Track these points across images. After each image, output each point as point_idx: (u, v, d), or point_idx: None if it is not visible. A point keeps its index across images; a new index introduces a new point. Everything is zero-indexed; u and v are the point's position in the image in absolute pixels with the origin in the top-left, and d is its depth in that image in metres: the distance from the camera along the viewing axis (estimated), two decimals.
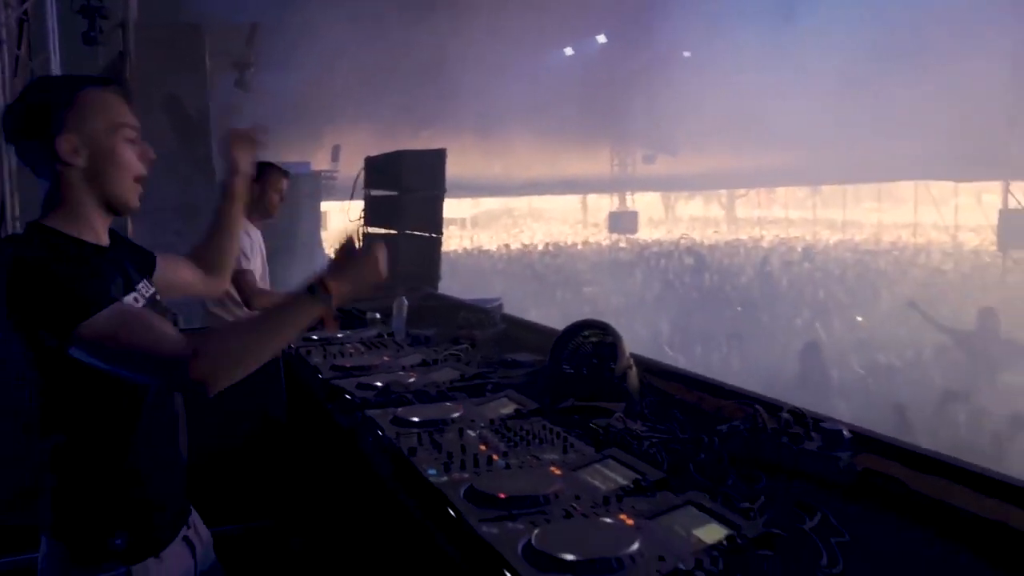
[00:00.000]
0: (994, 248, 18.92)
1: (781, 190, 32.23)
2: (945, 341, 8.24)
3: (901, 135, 14.97)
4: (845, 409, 5.96)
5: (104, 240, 1.85)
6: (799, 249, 20.81)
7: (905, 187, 27.36)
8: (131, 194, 1.83)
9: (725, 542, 1.50)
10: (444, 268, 7.02)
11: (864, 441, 2.16)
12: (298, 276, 4.65)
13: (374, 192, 8.31)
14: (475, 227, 30.20)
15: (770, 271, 15.41)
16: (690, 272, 15.97)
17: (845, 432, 2.13)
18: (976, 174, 19.47)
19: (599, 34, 18.59)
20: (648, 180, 22.46)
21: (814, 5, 15.16)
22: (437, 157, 7.27)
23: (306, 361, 3.24)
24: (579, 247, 23.50)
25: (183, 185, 9.23)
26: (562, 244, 25.09)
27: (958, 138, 14.28)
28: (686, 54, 18.53)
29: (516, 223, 36.13)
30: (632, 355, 2.78)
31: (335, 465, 2.65)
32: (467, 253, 20.45)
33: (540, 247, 24.03)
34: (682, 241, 23.16)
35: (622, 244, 21.89)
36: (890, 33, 13.00)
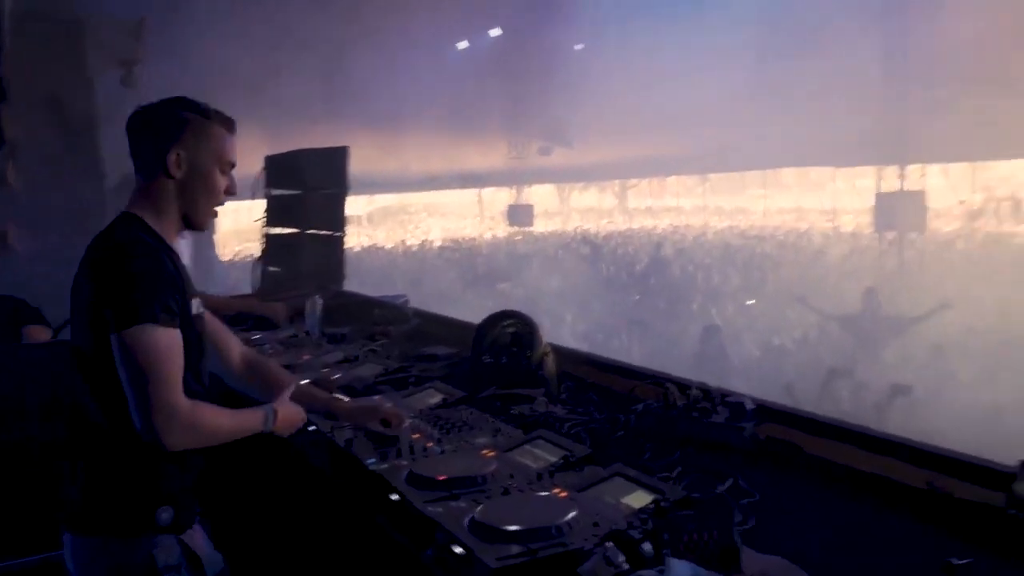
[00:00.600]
0: (871, 230, 20.03)
1: (672, 179, 33.13)
2: (828, 322, 8.75)
3: (784, 123, 15.64)
4: (743, 389, 6.29)
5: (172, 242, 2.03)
6: (691, 237, 21.52)
7: (788, 174, 28.58)
8: (207, 217, 2.04)
9: (651, 505, 1.67)
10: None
11: (765, 412, 2.38)
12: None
13: (275, 191, 8.21)
14: (371, 224, 29.99)
15: (664, 259, 15.90)
16: (588, 262, 16.34)
17: (748, 404, 2.34)
18: (853, 160, 20.54)
19: (493, 28, 18.72)
20: (544, 172, 22.75)
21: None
22: (339, 155, 7.26)
23: None
24: (476, 241, 23.67)
25: (69, 190, 8.93)
26: (460, 239, 25.22)
27: (836, 125, 15.04)
28: (578, 47, 18.86)
29: (412, 219, 36.04)
30: (548, 343, 2.94)
31: (263, 462, 2.72)
32: (364, 251, 20.34)
33: (438, 243, 24.09)
34: (577, 232, 23.62)
35: (518, 237, 22.16)
36: (775, 26, 13.57)
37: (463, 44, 19.36)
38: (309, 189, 7.34)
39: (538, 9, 17.40)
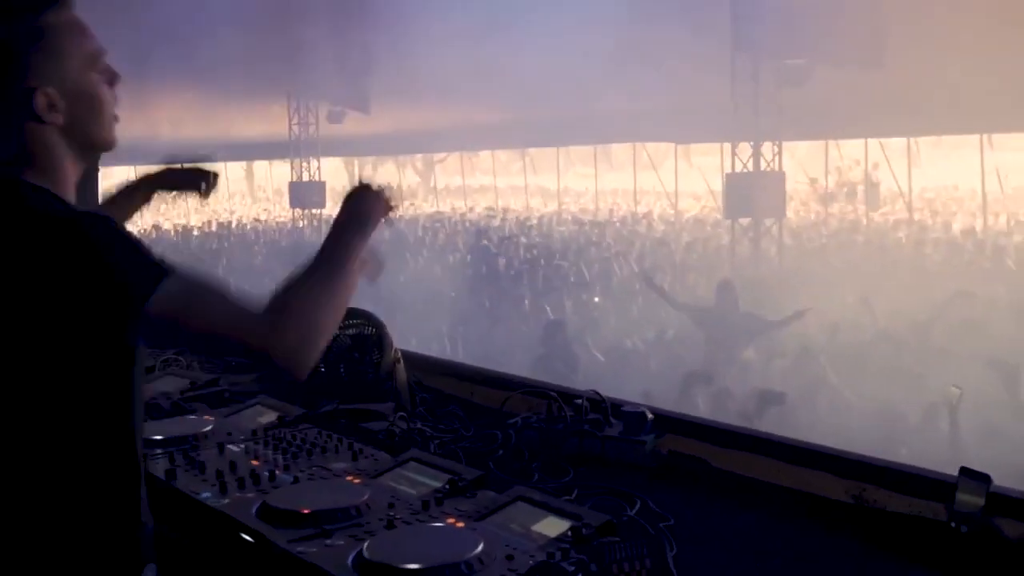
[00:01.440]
0: (716, 215, 21.18)
1: (485, 153, 33.65)
2: (684, 320, 9.18)
3: (617, 93, 16.21)
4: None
5: (74, 198, 1.75)
6: (512, 221, 21.94)
7: (621, 149, 29.70)
8: (111, 133, 1.79)
9: (569, 533, 1.72)
10: None
11: (665, 422, 2.49)
12: None
13: None
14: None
15: (486, 247, 16.14)
16: (392, 254, 16.31)
17: (648, 414, 2.44)
18: (694, 136, 21.63)
19: None
20: (333, 143, 22.46)
21: None
22: None
23: None
24: (249, 227, 23.10)
25: None
26: (226, 223, 24.54)
27: (677, 96, 15.78)
28: None
29: (161, 198, 34.62)
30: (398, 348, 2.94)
31: None
32: None
33: (197, 229, 23.33)
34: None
35: (302, 222, 21.77)
36: None
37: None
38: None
39: None
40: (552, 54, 15.17)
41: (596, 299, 11.27)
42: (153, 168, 2.57)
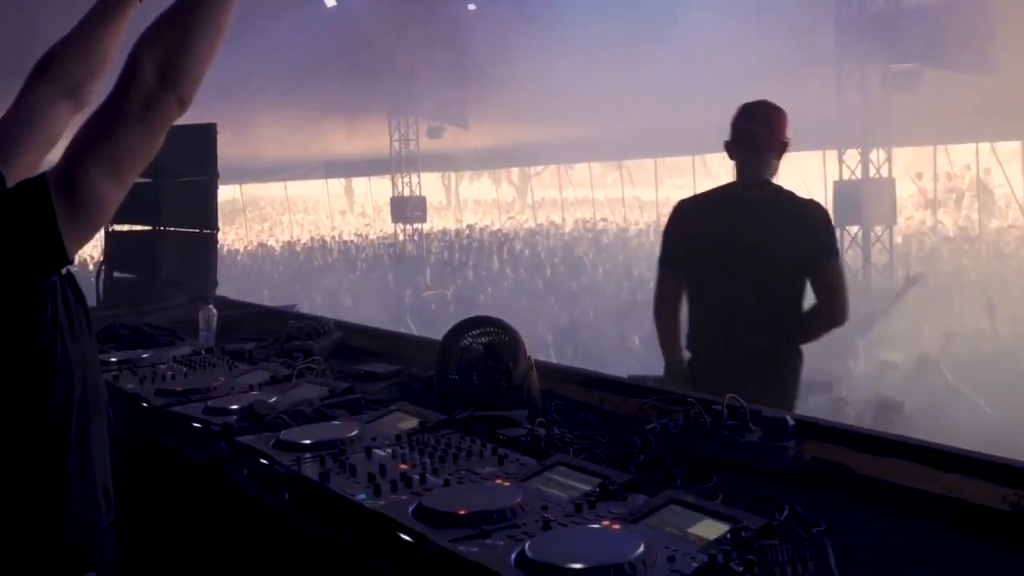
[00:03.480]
0: None
1: (581, 166, 33.68)
2: None
3: (714, 102, 16.06)
4: None
5: None
6: (612, 232, 21.90)
7: (719, 159, 29.38)
8: None
9: (729, 535, 1.72)
10: None
11: (807, 428, 2.47)
12: None
13: None
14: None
15: (583, 259, 16.19)
16: (509, 264, 16.49)
17: (789, 420, 2.42)
18: (799, 144, 21.29)
19: None
20: (431, 158, 22.76)
21: None
22: (205, 134, 7.14)
23: (118, 389, 3.18)
24: (356, 241, 23.50)
25: None
26: (330, 239, 25.01)
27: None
28: (471, 7, 18.93)
29: (265, 216, 35.53)
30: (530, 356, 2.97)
31: (185, 511, 2.66)
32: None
33: (301, 245, 23.83)
34: (479, 229, 23.74)
35: (401, 236, 22.07)
36: None
37: (331, 1, 19.09)
38: (166, 176, 7.18)
39: None
40: (645, 64, 15.14)
41: None
42: None
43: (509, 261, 17.76)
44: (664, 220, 4.55)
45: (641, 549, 1.64)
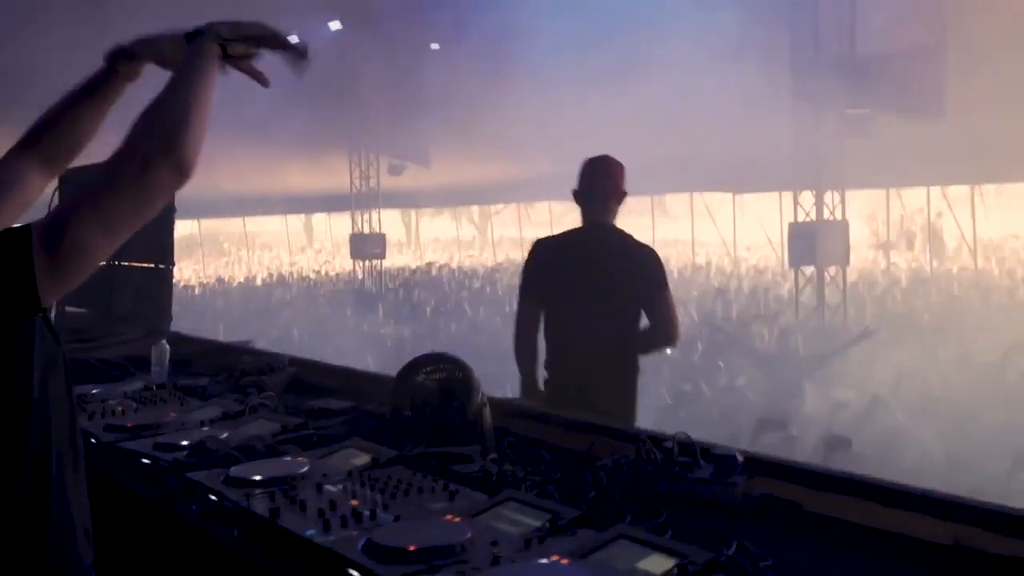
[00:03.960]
0: (775, 264, 21.05)
1: (542, 204, 33.84)
2: (747, 366, 9.18)
3: (672, 141, 16.26)
4: None
5: None
6: None
7: (677, 200, 29.69)
8: None
9: (676, 571, 1.73)
10: None
11: (755, 464, 2.49)
12: None
13: None
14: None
15: None
16: (467, 302, 16.51)
17: (738, 456, 2.45)
18: (754, 185, 21.59)
19: (332, 19, 18.65)
20: (392, 195, 22.78)
21: None
22: None
23: None
24: (315, 277, 23.41)
25: None
26: (287, 274, 24.89)
27: (733, 147, 15.77)
28: (434, 46, 19.03)
29: (223, 251, 35.31)
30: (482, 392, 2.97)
31: (137, 546, 2.62)
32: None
33: (262, 278, 23.73)
34: (438, 266, 23.76)
35: (360, 273, 22.05)
36: (664, 32, 14.12)
37: (294, 38, 19.07)
38: None
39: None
40: (607, 103, 15.28)
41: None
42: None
43: (468, 299, 17.78)
44: None
45: None
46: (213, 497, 2.34)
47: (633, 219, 33.89)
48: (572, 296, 4.59)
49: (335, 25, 18.72)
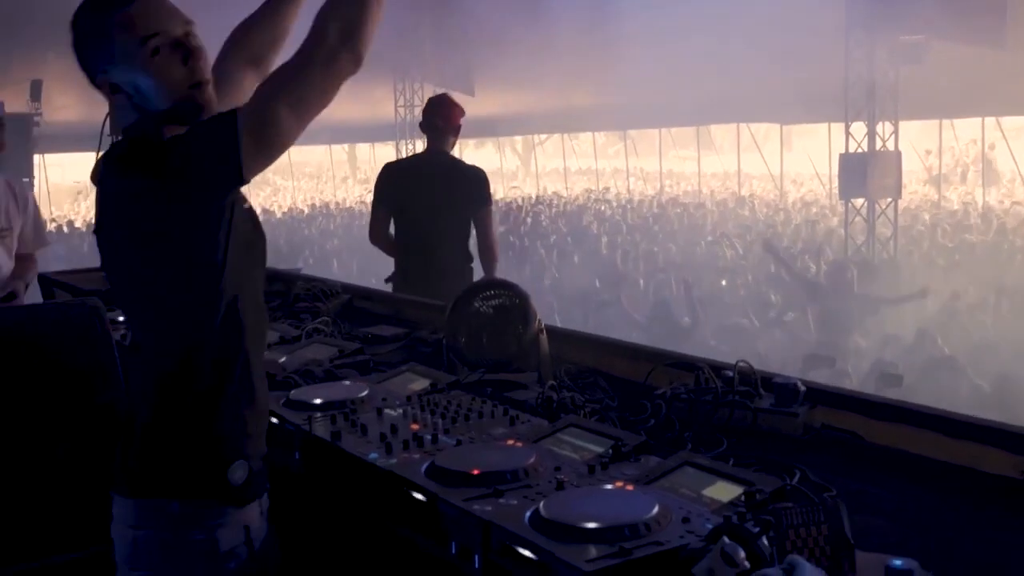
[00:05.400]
0: (822, 198, 20.77)
1: (586, 135, 33.56)
2: (796, 300, 9.09)
3: (719, 73, 15.99)
4: None
5: None
6: (614, 204, 21.82)
7: (724, 130, 29.28)
8: None
9: (742, 498, 1.72)
10: None
11: (816, 394, 2.46)
12: None
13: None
14: None
15: (589, 230, 16.17)
16: (513, 233, 16.49)
17: (800, 386, 2.42)
18: (803, 116, 21.21)
19: None
20: None
21: None
22: None
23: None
24: (356, 209, 23.45)
25: None
26: (333, 205, 24.94)
27: (779, 76, 15.47)
28: None
29: (267, 180, 35.44)
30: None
31: None
32: None
33: (307, 209, 23.81)
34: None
35: None
36: None
37: None
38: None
39: None
40: (652, 32, 15.03)
41: (723, 282, 11.20)
42: None
43: (514, 230, 17.71)
44: (667, 191, 5.19)
45: (656, 510, 1.64)
46: (274, 420, 2.36)
47: (677, 151, 33.59)
48: (413, 205, 5.64)
49: None
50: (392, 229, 5.76)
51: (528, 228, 18.10)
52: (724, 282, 11.44)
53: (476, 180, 5.71)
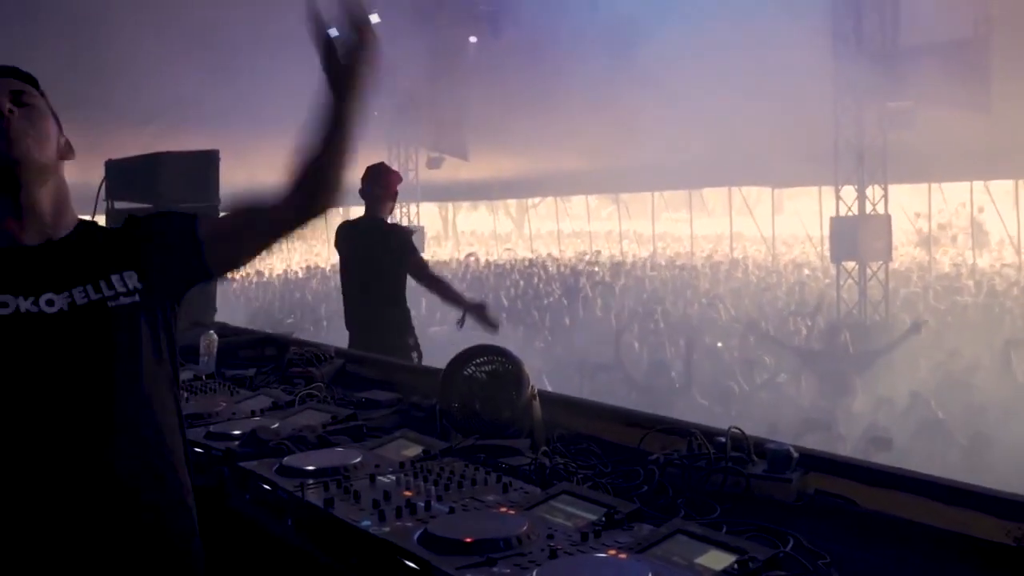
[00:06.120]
0: (814, 259, 20.85)
1: (578, 198, 33.76)
2: (789, 363, 9.10)
3: (710, 136, 16.16)
4: None
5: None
6: (605, 266, 21.87)
7: (715, 194, 29.47)
8: None
9: (735, 567, 1.71)
10: None
11: (810, 460, 2.46)
12: None
13: (119, 205, 7.95)
14: None
15: (581, 291, 16.18)
16: (507, 297, 16.52)
17: (793, 452, 2.42)
18: (794, 179, 21.39)
19: (371, 12, 18.67)
20: (430, 188, 22.79)
21: None
22: (208, 160, 7.11)
23: None
24: None
25: None
26: (327, 267, 24.92)
27: (771, 140, 15.63)
28: (472, 39, 19.05)
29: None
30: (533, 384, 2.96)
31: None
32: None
33: (300, 272, 23.82)
34: (473, 259, 23.75)
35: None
36: (703, 26, 14.00)
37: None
38: (167, 202, 7.15)
39: None
40: (643, 99, 15.18)
41: (719, 344, 11.19)
42: None
43: (504, 291, 17.73)
44: (660, 253, 5.38)
45: None
46: (267, 487, 2.35)
47: (669, 213, 33.76)
48: (352, 264, 6.50)
49: (374, 18, 18.66)
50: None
51: (521, 291, 18.13)
52: (719, 343, 11.44)
53: (400, 238, 6.41)
